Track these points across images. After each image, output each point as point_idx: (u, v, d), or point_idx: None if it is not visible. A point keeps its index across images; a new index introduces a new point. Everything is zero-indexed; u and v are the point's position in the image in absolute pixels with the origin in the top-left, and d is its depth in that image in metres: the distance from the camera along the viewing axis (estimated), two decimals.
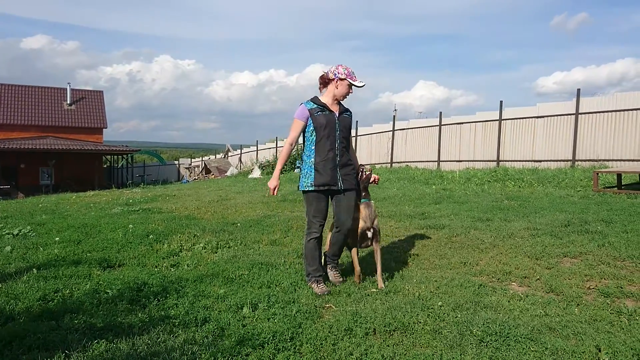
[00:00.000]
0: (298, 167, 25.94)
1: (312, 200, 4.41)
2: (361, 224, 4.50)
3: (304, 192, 4.46)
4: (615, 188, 10.70)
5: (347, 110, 4.53)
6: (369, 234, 4.54)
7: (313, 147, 4.37)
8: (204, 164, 39.60)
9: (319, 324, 3.58)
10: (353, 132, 25.95)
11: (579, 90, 15.43)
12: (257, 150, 35.52)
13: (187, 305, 4.00)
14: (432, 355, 3.03)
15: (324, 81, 4.47)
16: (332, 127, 4.35)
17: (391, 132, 22.41)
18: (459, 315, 3.62)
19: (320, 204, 4.42)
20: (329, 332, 3.41)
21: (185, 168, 44.63)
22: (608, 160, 14.47)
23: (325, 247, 4.80)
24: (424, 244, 6.23)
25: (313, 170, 4.36)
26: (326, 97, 4.43)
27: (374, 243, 4.60)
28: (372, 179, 4.63)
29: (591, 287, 4.21)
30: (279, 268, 5.15)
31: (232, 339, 3.25)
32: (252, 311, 3.87)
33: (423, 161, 20.44)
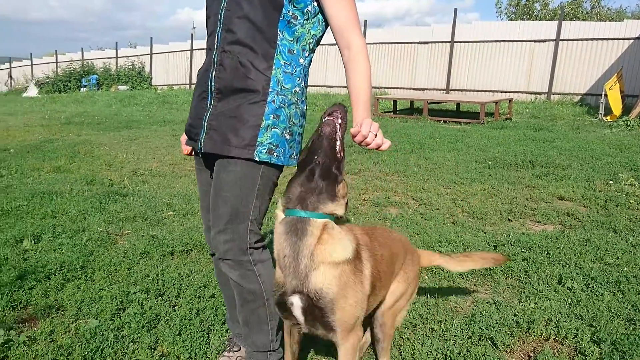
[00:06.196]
0: (85, 86, 23.40)
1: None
2: (276, 274, 1.76)
3: None
4: (392, 113, 12.21)
5: None
6: (294, 305, 1.70)
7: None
8: None
9: (113, 251, 3.48)
10: (145, 50, 24.12)
11: (365, 21, 16.74)
12: (32, 64, 30.70)
13: None
14: None
15: None
16: None
17: (190, 52, 21.47)
18: None
19: (198, 180, 2.10)
20: (124, 257, 3.35)
21: None
22: (388, 88, 16.30)
23: None
24: None
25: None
26: None
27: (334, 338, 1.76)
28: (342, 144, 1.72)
29: (366, 198, 4.87)
30: (65, 196, 4.76)
31: (12, 274, 2.97)
32: (35, 243, 3.55)
33: None
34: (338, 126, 1.68)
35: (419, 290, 2.87)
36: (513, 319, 2.54)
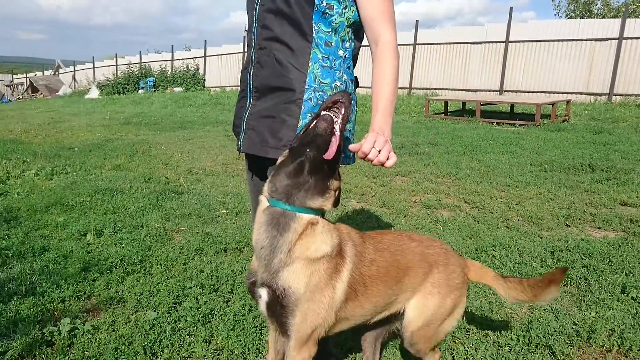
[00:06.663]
0: (142, 88, 24.30)
1: None
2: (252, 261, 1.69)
3: None
4: (443, 114, 12.00)
5: None
6: (261, 298, 1.63)
7: None
8: (30, 81, 34.92)
9: (170, 246, 3.60)
10: (199, 52, 24.70)
11: (417, 21, 16.52)
12: (94, 67, 32.21)
13: (22, 236, 3.71)
14: None
15: None
16: None
17: (242, 54, 21.89)
18: None
19: (247, 179, 2.10)
20: (180, 252, 3.47)
21: (6, 85, 38.89)
22: (439, 89, 16.03)
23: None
24: None
25: None
26: None
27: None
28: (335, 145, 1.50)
29: (416, 200, 4.81)
30: (124, 193, 4.96)
31: (77, 266, 3.14)
32: (97, 237, 3.74)
33: None
34: (338, 122, 1.51)
35: (473, 294, 2.81)
36: (572, 328, 2.45)
